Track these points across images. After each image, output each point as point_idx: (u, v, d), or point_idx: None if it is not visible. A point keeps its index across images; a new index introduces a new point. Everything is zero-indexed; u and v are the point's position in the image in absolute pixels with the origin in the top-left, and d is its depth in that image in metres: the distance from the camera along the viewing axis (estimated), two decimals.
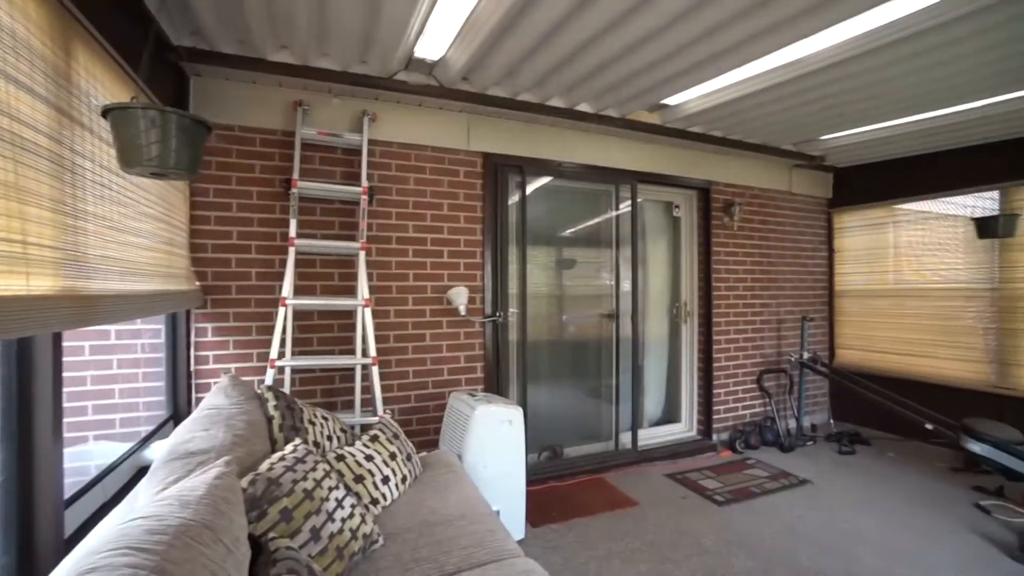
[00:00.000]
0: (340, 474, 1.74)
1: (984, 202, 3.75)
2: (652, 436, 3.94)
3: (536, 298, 3.56)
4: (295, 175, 2.55)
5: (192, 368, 2.50)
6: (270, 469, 1.36)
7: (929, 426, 3.19)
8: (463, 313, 3.01)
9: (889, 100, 2.93)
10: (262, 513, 1.23)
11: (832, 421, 4.64)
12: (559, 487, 3.24)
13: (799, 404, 4.24)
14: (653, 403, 4.14)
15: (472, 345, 3.16)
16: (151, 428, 2.16)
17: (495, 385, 3.21)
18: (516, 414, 2.48)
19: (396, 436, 2.07)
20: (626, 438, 3.69)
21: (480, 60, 2.57)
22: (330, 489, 1.48)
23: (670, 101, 3.15)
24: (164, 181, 1.91)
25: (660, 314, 4.13)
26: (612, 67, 2.58)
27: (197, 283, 2.50)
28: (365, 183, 2.69)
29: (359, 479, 1.79)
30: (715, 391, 4.02)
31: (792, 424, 4.24)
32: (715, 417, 4.02)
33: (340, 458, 1.81)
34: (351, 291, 2.82)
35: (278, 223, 2.68)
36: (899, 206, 4.26)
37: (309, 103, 2.72)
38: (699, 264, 4.07)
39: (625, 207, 3.70)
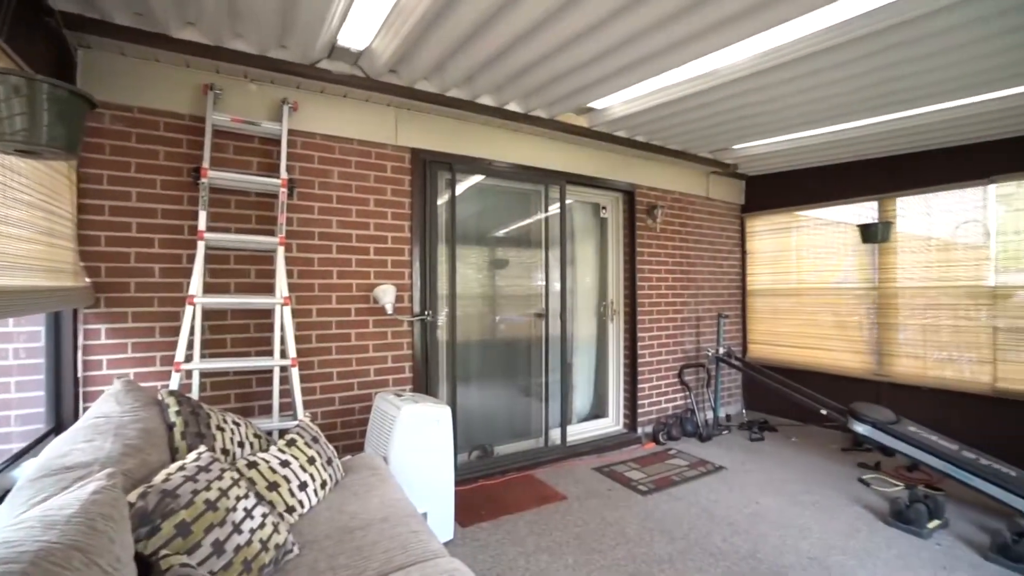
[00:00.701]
0: (251, 482, 1.63)
1: (867, 211, 4.20)
2: (581, 431, 4.05)
3: (467, 297, 3.54)
4: (205, 164, 2.36)
5: (80, 375, 2.24)
6: (166, 480, 1.24)
7: (823, 411, 3.52)
8: (390, 312, 2.93)
9: (790, 114, 3.20)
10: (154, 529, 1.11)
11: (744, 411, 5.01)
12: (489, 485, 3.24)
13: (716, 396, 4.53)
14: (582, 399, 4.25)
15: (400, 344, 3.09)
16: (25, 444, 1.91)
17: (424, 385, 3.16)
18: (444, 413, 2.45)
19: (315, 439, 1.97)
20: (556, 434, 3.76)
21: (407, 52, 2.51)
22: (238, 499, 1.38)
23: (596, 105, 3.25)
24: (37, 161, 1.69)
25: (588, 313, 4.25)
26: (540, 67, 2.62)
27: (87, 280, 2.24)
28: (285, 175, 2.54)
29: (273, 486, 1.68)
30: (640, 386, 4.20)
31: (710, 415, 4.52)
32: (640, 411, 4.20)
33: (252, 465, 1.70)
34: (269, 289, 2.66)
35: (186, 215, 2.47)
36: (799, 212, 4.68)
37: (222, 87, 2.53)
38: (625, 264, 4.24)
39: (554, 208, 3.77)
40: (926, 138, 3.54)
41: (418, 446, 2.37)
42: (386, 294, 2.91)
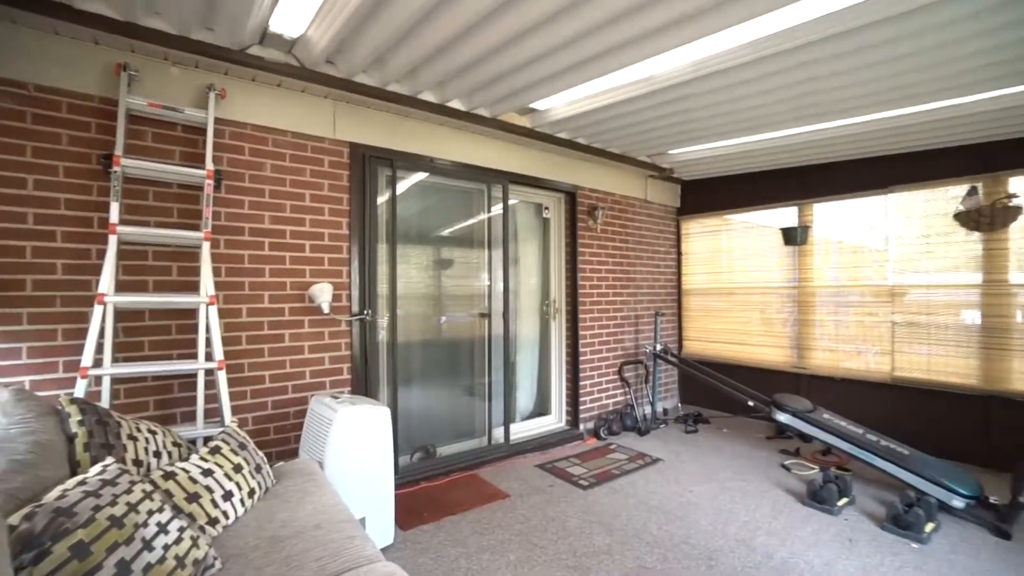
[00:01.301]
0: (168, 494, 1.51)
1: (789, 215, 4.51)
2: (524, 429, 4.08)
3: (410, 297, 3.48)
4: (118, 151, 2.16)
5: None
6: (61, 497, 1.12)
7: (751, 403, 3.75)
8: (327, 311, 2.82)
9: (722, 122, 3.36)
10: (43, 553, 1.00)
11: (680, 405, 5.24)
12: (432, 487, 3.19)
13: (653, 391, 4.71)
14: (525, 397, 4.29)
15: (338, 345, 2.98)
16: None
17: (363, 387, 3.07)
18: (383, 415, 2.39)
19: (243, 446, 1.86)
20: (499, 433, 3.76)
21: (345, 42, 2.43)
22: (150, 513, 1.27)
23: (538, 105, 3.29)
24: None
25: (532, 312, 4.29)
26: (483, 64, 2.61)
27: None
28: (211, 166, 2.38)
29: (193, 498, 1.57)
30: (582, 383, 4.29)
31: (648, 410, 4.69)
32: (582, 407, 4.29)
33: (169, 476, 1.57)
34: (193, 287, 2.48)
35: (96, 206, 2.27)
36: (729, 216, 4.96)
37: (138, 68, 2.34)
38: (567, 264, 4.31)
39: (497, 207, 3.78)
40: (837, 150, 3.85)
41: (356, 449, 2.29)
42: (323, 293, 2.80)
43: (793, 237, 4.24)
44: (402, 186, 3.43)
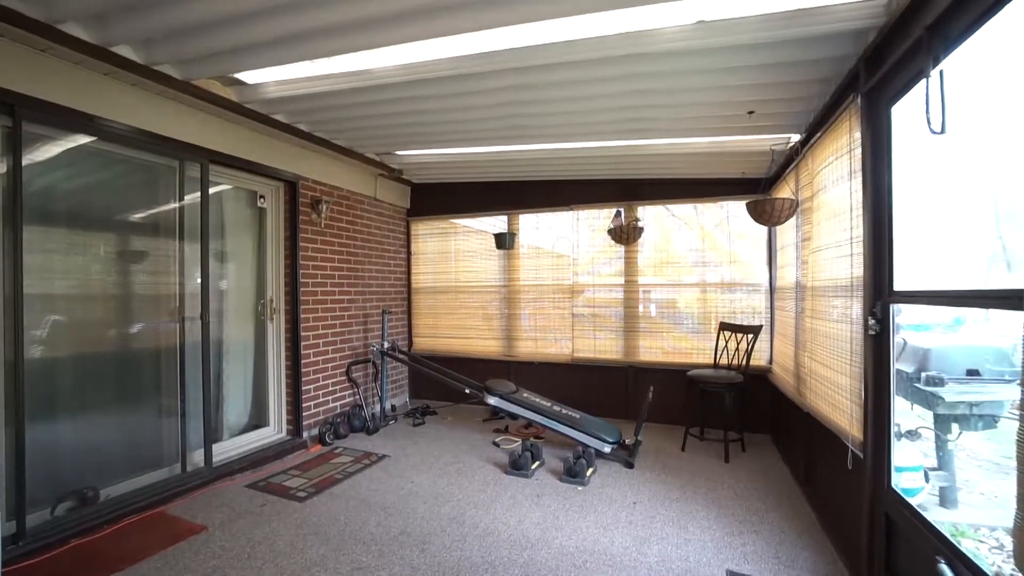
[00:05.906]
0: None
1: (501, 223, 5.19)
2: (235, 447, 3.55)
3: (62, 298, 2.65)
4: None
5: None
6: None
7: (468, 391, 4.14)
8: None
9: (440, 130, 3.55)
10: None
11: (409, 400, 5.42)
12: (90, 542, 2.47)
13: (383, 389, 4.73)
14: (237, 411, 3.73)
15: None
16: None
17: None
18: None
19: None
20: (198, 456, 3.17)
21: None
22: None
23: (246, 78, 2.89)
24: None
25: (244, 313, 3.76)
26: (159, 7, 2.12)
27: None
28: None
29: None
30: (305, 388, 3.99)
31: (378, 408, 4.68)
32: (305, 414, 3.98)
33: None
34: None
35: None
36: (454, 220, 5.39)
37: None
38: (286, 260, 3.94)
39: (196, 189, 3.17)
40: (537, 170, 4.59)
41: None
42: None
43: (503, 242, 4.88)
44: (48, 148, 2.56)
